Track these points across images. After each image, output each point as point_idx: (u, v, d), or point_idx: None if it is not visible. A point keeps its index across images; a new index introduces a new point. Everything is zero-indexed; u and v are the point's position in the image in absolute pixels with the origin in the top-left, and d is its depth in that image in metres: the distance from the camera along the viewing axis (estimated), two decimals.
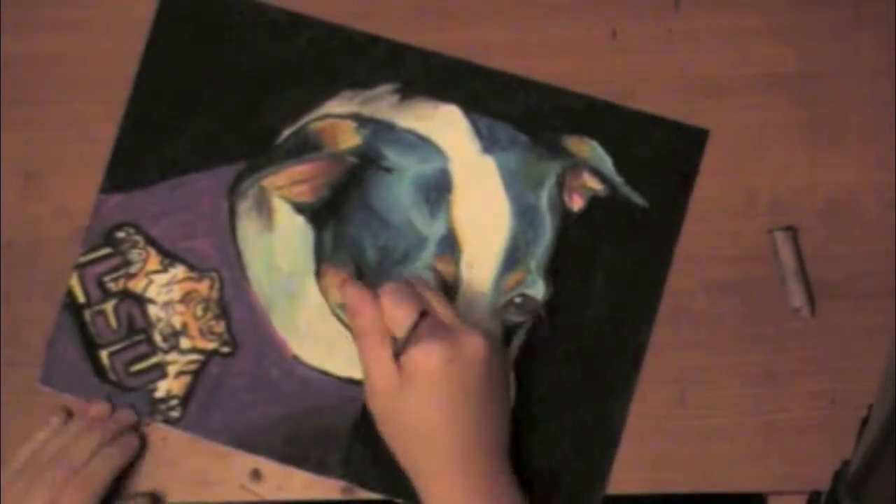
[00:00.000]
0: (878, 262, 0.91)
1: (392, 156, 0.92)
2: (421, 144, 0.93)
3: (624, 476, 0.91)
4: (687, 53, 0.93)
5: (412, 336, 0.84)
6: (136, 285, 0.94)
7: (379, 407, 0.86)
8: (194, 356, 0.93)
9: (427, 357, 0.83)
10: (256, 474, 0.93)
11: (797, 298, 0.91)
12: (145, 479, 0.93)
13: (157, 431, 0.93)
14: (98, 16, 0.96)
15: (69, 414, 0.93)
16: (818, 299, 0.91)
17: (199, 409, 0.93)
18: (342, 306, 0.92)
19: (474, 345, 0.84)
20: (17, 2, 0.96)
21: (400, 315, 0.84)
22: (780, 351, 0.91)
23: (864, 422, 0.83)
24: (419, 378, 0.83)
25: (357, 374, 0.92)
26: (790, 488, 0.90)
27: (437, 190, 0.92)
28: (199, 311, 0.94)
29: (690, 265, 0.92)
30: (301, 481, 0.93)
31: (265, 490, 0.93)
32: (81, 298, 0.94)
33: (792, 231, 0.91)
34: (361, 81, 0.94)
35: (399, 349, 0.84)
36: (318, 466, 0.92)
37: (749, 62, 0.93)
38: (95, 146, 0.95)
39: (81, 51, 0.96)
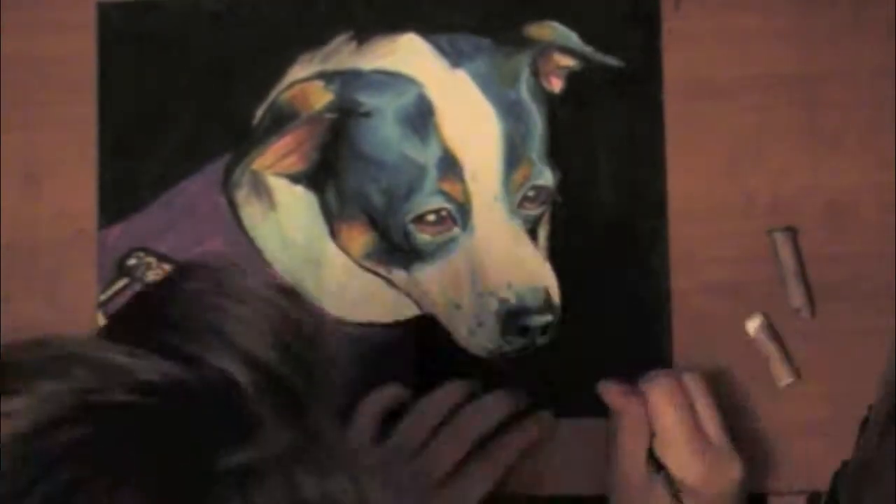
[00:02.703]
0: (878, 264, 0.91)
1: (367, 100, 0.93)
2: (391, 80, 0.93)
3: None
4: (687, 53, 0.93)
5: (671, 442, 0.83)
6: None
7: (619, 497, 0.85)
8: None
9: (682, 471, 0.83)
10: None
11: (797, 299, 0.91)
12: None
13: None
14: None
15: None
16: (818, 300, 0.91)
17: None
18: (367, 257, 0.93)
19: (734, 470, 0.84)
20: (17, 2, 0.96)
21: (665, 415, 0.84)
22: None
23: (864, 422, 0.84)
24: (660, 490, 0.83)
25: (402, 314, 0.92)
26: (789, 488, 0.90)
27: (421, 117, 0.92)
28: None
29: (690, 266, 0.92)
30: None
31: None
32: None
33: (791, 232, 0.91)
34: (315, 40, 0.95)
35: (655, 456, 0.84)
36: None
37: (749, 62, 0.93)
38: (95, 147, 0.95)
39: (81, 51, 0.96)
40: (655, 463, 0.84)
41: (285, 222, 0.94)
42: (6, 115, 0.96)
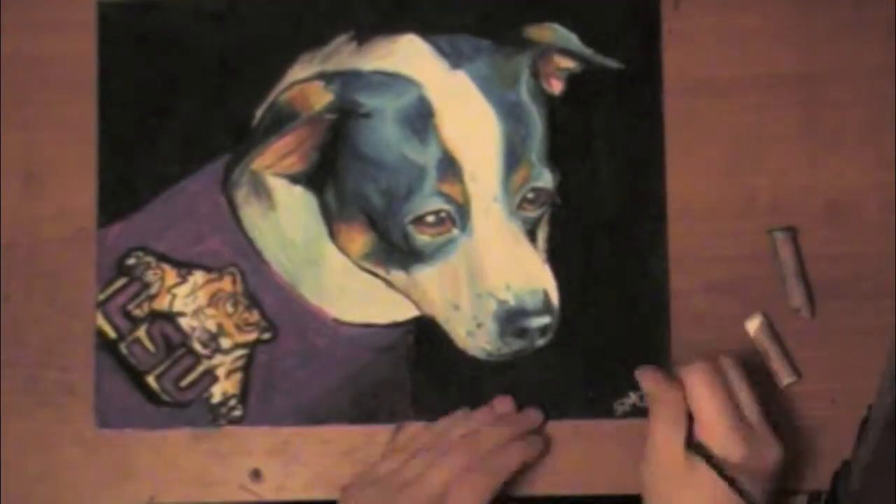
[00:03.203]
0: (877, 263, 0.91)
1: (367, 101, 0.93)
2: (391, 81, 0.93)
3: (624, 476, 0.91)
4: (687, 53, 0.93)
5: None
6: (161, 304, 0.94)
7: (657, 488, 0.84)
8: (239, 352, 0.93)
9: (726, 454, 0.82)
10: (256, 474, 0.93)
11: (797, 299, 0.91)
12: (145, 480, 0.93)
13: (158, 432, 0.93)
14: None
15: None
16: (818, 299, 0.91)
17: (260, 400, 0.93)
18: (365, 258, 0.93)
19: (771, 455, 0.83)
20: (17, 2, 0.96)
21: (705, 400, 0.83)
22: None
23: (864, 422, 0.84)
24: (705, 473, 0.82)
25: (401, 315, 0.93)
26: (790, 488, 0.90)
27: (420, 118, 0.92)
28: (230, 308, 0.93)
29: (690, 266, 0.92)
30: (301, 481, 0.93)
31: (265, 490, 0.93)
32: (112, 334, 0.94)
33: (791, 231, 0.91)
34: (315, 40, 0.95)
35: (691, 440, 0.83)
36: (392, 416, 0.92)
37: (749, 62, 0.93)
38: (95, 146, 0.95)
39: (81, 51, 0.96)
40: (696, 449, 0.83)
41: (285, 222, 0.94)
42: (6, 113, 0.96)
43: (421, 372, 0.92)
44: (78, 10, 0.96)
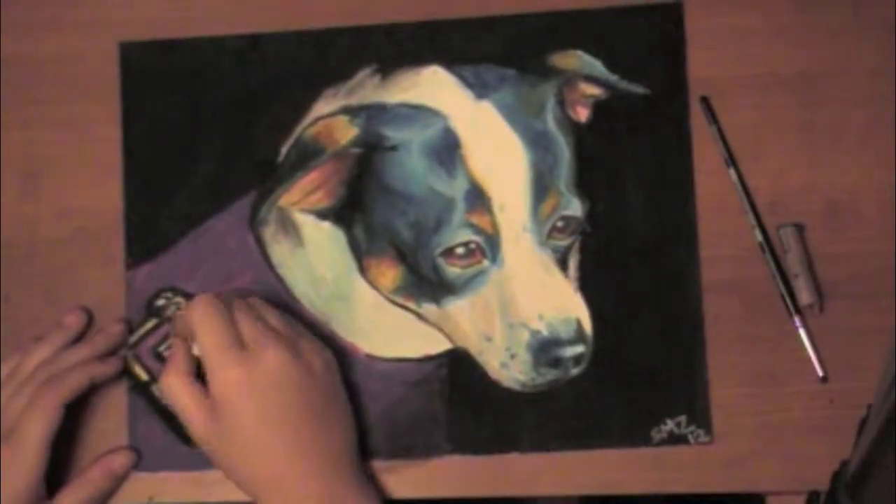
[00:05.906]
0: (877, 263, 0.91)
1: (392, 133, 0.92)
2: (416, 113, 0.93)
3: (624, 476, 0.91)
4: (687, 53, 0.93)
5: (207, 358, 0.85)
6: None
7: (201, 436, 0.86)
8: None
9: (225, 380, 0.84)
10: None
11: (807, 295, 0.90)
12: (145, 480, 0.92)
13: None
14: (97, 16, 0.96)
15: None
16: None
17: None
18: (396, 292, 0.92)
19: (273, 359, 0.84)
20: (17, 2, 0.97)
21: (201, 334, 0.86)
22: (779, 351, 0.91)
23: (864, 422, 0.84)
24: (226, 400, 0.84)
25: (433, 348, 0.92)
26: (789, 488, 0.90)
27: (447, 150, 0.92)
28: None
29: None
30: None
31: None
32: (144, 376, 0.93)
33: (799, 228, 0.91)
34: (339, 75, 0.95)
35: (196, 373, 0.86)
36: (428, 450, 0.91)
37: (749, 62, 0.93)
38: (95, 146, 0.95)
39: (81, 51, 0.96)
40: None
41: (314, 259, 0.93)
42: (6, 113, 0.96)
43: (455, 405, 0.92)
44: (79, 10, 0.96)
